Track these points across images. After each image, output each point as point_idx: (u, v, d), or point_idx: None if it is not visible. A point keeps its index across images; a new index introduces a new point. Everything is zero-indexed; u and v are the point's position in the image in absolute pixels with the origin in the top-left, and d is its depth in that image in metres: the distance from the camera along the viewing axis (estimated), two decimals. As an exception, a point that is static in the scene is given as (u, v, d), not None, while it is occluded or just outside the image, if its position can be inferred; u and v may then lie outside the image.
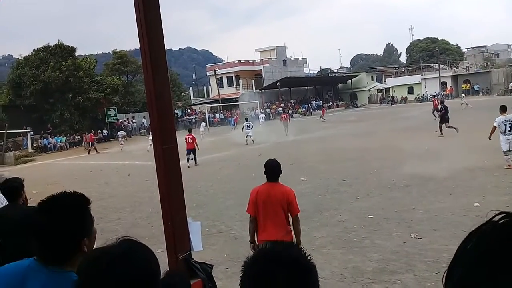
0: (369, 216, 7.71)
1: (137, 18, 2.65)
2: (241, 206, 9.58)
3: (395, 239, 6.41)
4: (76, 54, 39.88)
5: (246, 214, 8.96)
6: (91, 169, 19.49)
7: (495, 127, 11.12)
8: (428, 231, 6.57)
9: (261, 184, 4.71)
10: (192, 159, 16.94)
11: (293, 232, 4.54)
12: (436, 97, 36.76)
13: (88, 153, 28.55)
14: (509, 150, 10.86)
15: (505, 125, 10.85)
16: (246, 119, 27.11)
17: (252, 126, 25.14)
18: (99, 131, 39.61)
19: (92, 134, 32.13)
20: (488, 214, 0.54)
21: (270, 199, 4.47)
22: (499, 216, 0.53)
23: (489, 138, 11.40)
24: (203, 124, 36.52)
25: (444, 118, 19.07)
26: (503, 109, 11.22)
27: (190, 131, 18.52)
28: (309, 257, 1.06)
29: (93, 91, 39.13)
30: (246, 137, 24.13)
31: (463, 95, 41.77)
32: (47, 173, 20.16)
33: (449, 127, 18.66)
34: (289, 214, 4.52)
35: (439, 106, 20.67)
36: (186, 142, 16.83)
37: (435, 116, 24.10)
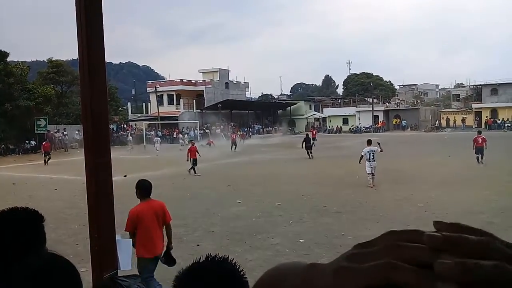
0: (301, 241, 7.86)
1: (78, 28, 2.59)
2: (174, 226, 9.34)
3: (324, 264, 6.56)
4: (9, 59, 37.70)
5: (178, 235, 8.79)
6: (15, 181, 18.25)
7: (362, 156, 14.16)
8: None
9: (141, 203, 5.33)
10: (191, 168, 18.74)
11: (166, 237, 5.38)
12: (313, 128, 44.11)
13: (45, 163, 25.68)
14: (372, 174, 13.69)
15: (369, 154, 13.85)
16: (157, 135, 38.47)
17: (160, 142, 33.39)
18: (27, 141, 37.36)
19: (47, 142, 29.04)
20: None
21: (153, 215, 5.19)
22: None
23: (359, 163, 14.43)
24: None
25: (307, 145, 24.74)
26: (368, 142, 14.34)
27: (193, 143, 20.44)
28: (242, 272, 1.07)
29: (23, 99, 36.93)
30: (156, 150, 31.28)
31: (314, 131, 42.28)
32: (-37, 184, 18.61)
33: (308, 152, 24.37)
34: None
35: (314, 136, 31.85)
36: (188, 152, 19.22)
37: (313, 144, 29.59)
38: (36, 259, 1.12)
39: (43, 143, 28.60)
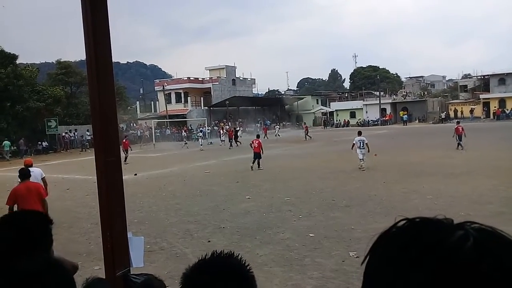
0: (311, 235, 7.87)
1: (84, 29, 2.62)
2: (185, 223, 9.47)
3: (335, 258, 6.58)
4: (18, 62, 38.00)
5: (189, 231, 8.89)
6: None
7: (354, 144, 16.61)
8: (366, 250, 6.80)
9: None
10: (256, 163, 18.01)
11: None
12: (305, 123, 49.17)
13: (125, 161, 23.00)
14: (363, 159, 15.97)
15: (360, 142, 16.33)
16: (201, 130, 40.11)
17: (201, 137, 35.11)
18: (39, 142, 37.75)
19: (127, 139, 27.22)
20: (396, 218, 0.58)
21: (29, 193, 6.88)
22: (402, 222, 0.56)
23: (351, 149, 16.81)
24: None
25: (236, 136, 33.91)
26: (359, 133, 17.10)
27: (258, 136, 20.00)
28: (248, 267, 1.09)
29: (33, 100, 37.24)
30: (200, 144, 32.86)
31: (277, 127, 44.90)
32: (-24, 186, 18.83)
33: (236, 141, 33.45)
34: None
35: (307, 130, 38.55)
36: (252, 146, 18.61)
37: (308, 137, 36.48)
38: (28, 264, 1.13)
39: (123, 141, 25.59)
